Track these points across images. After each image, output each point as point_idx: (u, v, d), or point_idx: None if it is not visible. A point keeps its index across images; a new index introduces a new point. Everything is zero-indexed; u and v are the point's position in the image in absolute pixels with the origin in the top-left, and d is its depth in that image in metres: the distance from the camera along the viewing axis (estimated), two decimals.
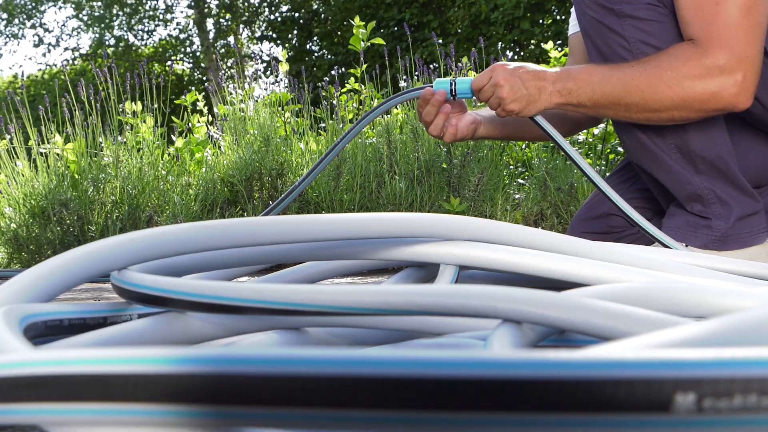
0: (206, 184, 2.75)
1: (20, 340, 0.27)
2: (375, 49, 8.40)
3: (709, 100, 0.98)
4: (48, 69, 14.14)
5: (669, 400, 0.15)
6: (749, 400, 0.15)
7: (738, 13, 0.96)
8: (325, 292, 0.39)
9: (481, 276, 0.68)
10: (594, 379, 0.15)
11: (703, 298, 0.48)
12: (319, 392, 0.16)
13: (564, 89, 1.05)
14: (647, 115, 1.03)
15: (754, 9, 0.96)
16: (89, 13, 13.84)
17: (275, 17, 13.50)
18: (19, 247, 2.63)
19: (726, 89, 0.97)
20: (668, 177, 1.11)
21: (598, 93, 1.03)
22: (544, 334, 0.40)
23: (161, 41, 14.54)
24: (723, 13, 0.96)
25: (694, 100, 0.99)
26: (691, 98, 0.98)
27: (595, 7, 1.07)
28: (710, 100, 0.98)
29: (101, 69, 3.00)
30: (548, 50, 3.75)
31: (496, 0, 9.87)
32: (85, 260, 0.42)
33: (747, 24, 0.96)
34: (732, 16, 0.96)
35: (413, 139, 2.57)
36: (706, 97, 0.98)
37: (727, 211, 1.08)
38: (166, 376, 0.17)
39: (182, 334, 0.44)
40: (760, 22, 0.97)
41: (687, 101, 0.99)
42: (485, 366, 0.16)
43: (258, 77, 3.36)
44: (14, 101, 2.91)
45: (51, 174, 2.68)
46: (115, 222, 2.57)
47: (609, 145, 2.73)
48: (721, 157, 1.07)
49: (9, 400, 0.19)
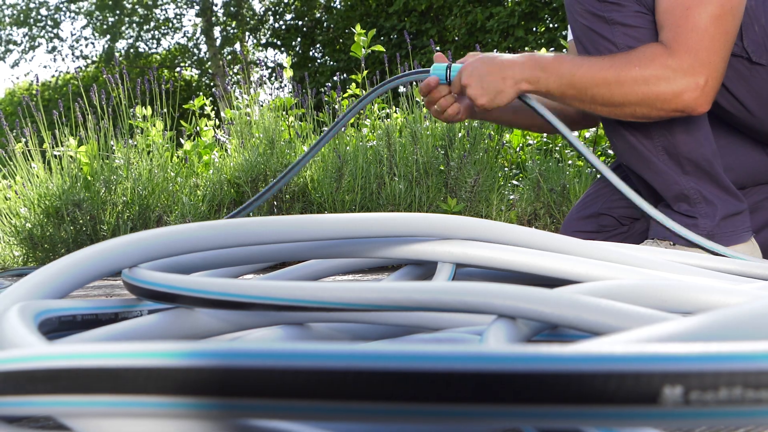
0: (213, 185, 2.75)
1: (35, 335, 0.27)
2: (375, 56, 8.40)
3: (671, 100, 0.98)
4: (62, 75, 14.14)
5: (657, 393, 0.15)
6: (734, 393, 0.15)
7: (707, 21, 0.96)
8: (328, 289, 0.39)
9: (477, 273, 0.68)
10: (585, 372, 0.15)
11: (689, 295, 0.48)
12: (322, 385, 0.17)
13: (532, 77, 1.05)
14: (611, 109, 1.03)
15: (722, 18, 0.97)
16: (101, 22, 13.84)
17: (280, 25, 13.50)
18: (34, 246, 2.63)
19: (687, 91, 0.97)
20: (656, 178, 1.11)
21: (566, 82, 1.03)
22: (538, 329, 0.40)
23: (170, 48, 14.54)
24: (692, 18, 0.97)
25: (656, 99, 0.99)
26: (653, 96, 0.99)
27: (587, 15, 1.07)
28: (671, 100, 0.98)
29: (113, 75, 3.00)
30: None
31: (491, 9, 9.88)
32: (97, 258, 0.42)
33: (714, 31, 0.96)
34: (700, 22, 0.96)
35: (412, 142, 2.57)
36: (668, 96, 0.98)
37: (712, 210, 1.08)
38: (175, 369, 0.17)
39: (190, 329, 0.44)
40: (727, 31, 0.98)
41: (650, 98, 0.99)
42: (482, 360, 0.16)
43: (263, 83, 3.36)
44: (30, 106, 2.91)
45: (65, 175, 2.68)
46: (126, 222, 2.57)
47: (600, 148, 2.73)
48: (707, 158, 1.07)
49: (25, 392, 0.19)
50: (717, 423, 0.15)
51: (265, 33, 13.73)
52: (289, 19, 13.38)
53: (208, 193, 2.72)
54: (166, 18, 14.25)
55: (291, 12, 13.40)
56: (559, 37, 9.14)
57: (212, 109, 3.52)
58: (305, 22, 12.98)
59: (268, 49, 13.64)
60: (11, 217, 2.72)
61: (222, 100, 3.22)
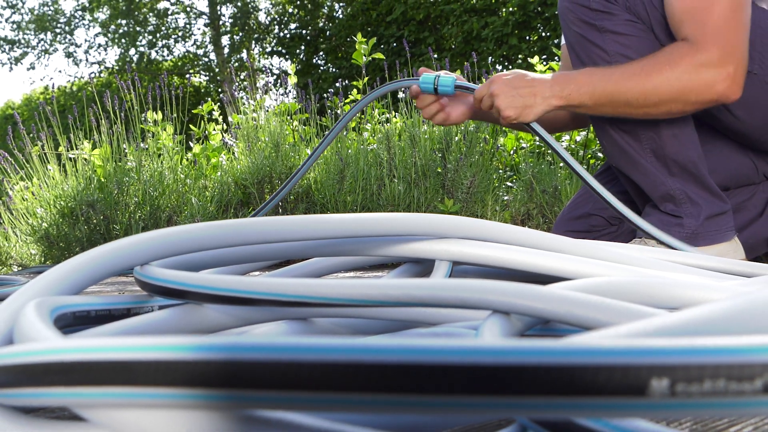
0: (221, 187, 2.75)
1: (50, 329, 0.27)
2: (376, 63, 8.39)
3: (705, 92, 0.99)
4: (76, 81, 14.13)
5: (645, 385, 0.15)
6: (718, 385, 0.15)
7: (728, 13, 0.97)
8: (331, 286, 0.39)
9: (472, 271, 0.68)
10: (576, 365, 0.15)
11: (675, 291, 0.48)
12: (325, 377, 0.17)
13: (563, 92, 1.03)
14: (646, 110, 1.02)
15: (739, 9, 0.98)
16: (115, 30, 13.84)
17: (284, 34, 13.49)
18: (50, 245, 2.63)
19: (719, 82, 0.98)
20: (644, 178, 1.11)
21: (599, 91, 1.01)
22: (531, 324, 0.40)
23: (181, 56, 14.53)
24: (714, 13, 0.97)
25: (690, 93, 0.99)
26: (687, 90, 0.98)
27: (579, 24, 1.08)
28: (705, 93, 0.99)
29: (125, 81, 3.00)
30: (534, 64, 3.75)
31: (486, 18, 9.87)
32: (110, 256, 0.42)
33: (734, 23, 0.98)
34: (722, 16, 0.97)
35: (411, 146, 2.57)
36: (702, 90, 0.98)
37: (697, 210, 1.08)
38: (184, 362, 0.17)
39: (199, 323, 0.44)
40: (745, 20, 0.99)
41: (684, 95, 0.99)
42: (477, 353, 0.16)
43: (269, 89, 3.36)
44: (46, 111, 2.91)
45: (79, 177, 2.68)
46: (137, 221, 2.57)
47: (590, 151, 2.73)
48: (693, 161, 1.08)
49: (40, 384, 0.19)
50: (701, 414, 0.16)
51: (270, 42, 13.72)
52: (294, 28, 13.37)
53: (216, 195, 2.72)
54: (176, 27, 14.24)
55: (295, 21, 13.39)
56: (551, 45, 9.14)
57: (220, 114, 3.52)
58: (309, 31, 12.97)
59: (274, 56, 13.63)
60: (28, 216, 2.71)
61: (229, 106, 3.21)
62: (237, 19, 13.28)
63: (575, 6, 1.08)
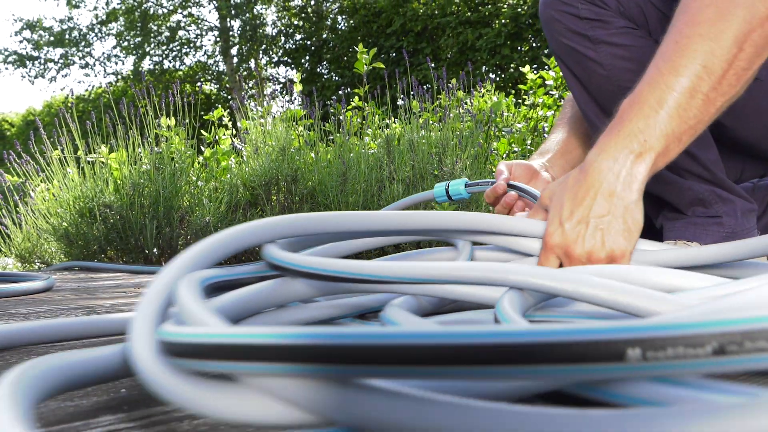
0: (231, 189, 2.75)
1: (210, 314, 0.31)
2: (376, 72, 8.40)
3: None
4: (94, 89, 14.14)
5: (623, 353, 0.20)
6: (678, 351, 0.20)
7: None
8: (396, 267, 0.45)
9: None
10: (573, 341, 0.20)
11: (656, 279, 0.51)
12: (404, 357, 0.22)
13: (662, 147, 0.63)
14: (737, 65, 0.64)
15: None
16: (130, 41, 13.85)
17: (290, 45, 13.50)
18: (70, 243, 2.63)
19: None
20: (666, 188, 0.95)
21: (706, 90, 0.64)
22: (540, 299, 0.45)
23: (192, 66, 14.55)
24: None
25: None
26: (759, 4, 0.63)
27: (569, 34, 0.94)
28: None
29: (140, 89, 3.01)
30: (526, 73, 3.77)
31: (480, 30, 9.89)
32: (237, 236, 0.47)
33: None
34: None
35: (409, 150, 2.57)
36: None
37: (731, 207, 0.94)
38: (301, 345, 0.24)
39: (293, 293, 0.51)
40: None
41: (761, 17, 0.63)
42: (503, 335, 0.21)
43: (275, 96, 3.36)
44: (65, 117, 2.91)
45: (97, 180, 2.68)
46: (152, 221, 2.57)
47: None
48: (713, 161, 0.95)
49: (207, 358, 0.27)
50: (666, 373, 0.20)
51: (277, 52, 13.74)
52: (299, 39, 13.38)
53: (225, 196, 2.72)
54: (188, 39, 14.25)
55: (300, 33, 13.41)
56: (542, 55, 9.15)
57: (229, 120, 3.52)
58: (313, 42, 12.99)
59: (280, 66, 13.64)
60: (49, 216, 2.72)
61: (238, 112, 3.22)
62: (245, 31, 13.29)
63: (562, 15, 0.94)
